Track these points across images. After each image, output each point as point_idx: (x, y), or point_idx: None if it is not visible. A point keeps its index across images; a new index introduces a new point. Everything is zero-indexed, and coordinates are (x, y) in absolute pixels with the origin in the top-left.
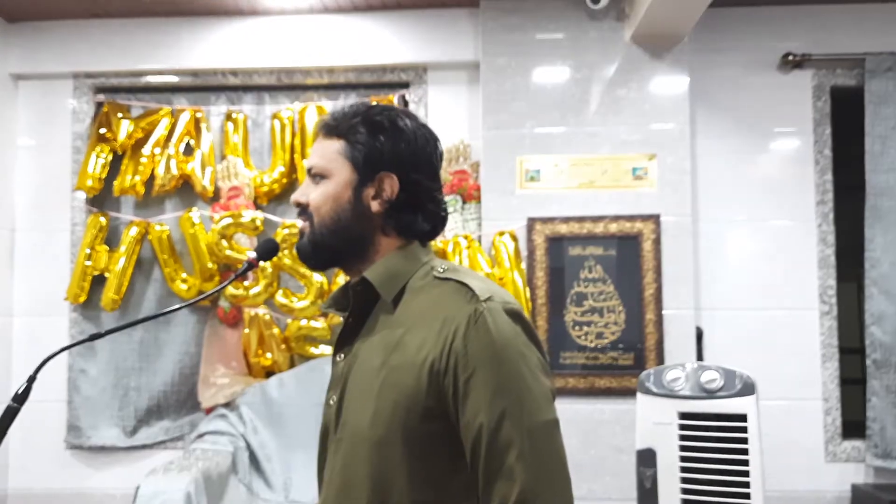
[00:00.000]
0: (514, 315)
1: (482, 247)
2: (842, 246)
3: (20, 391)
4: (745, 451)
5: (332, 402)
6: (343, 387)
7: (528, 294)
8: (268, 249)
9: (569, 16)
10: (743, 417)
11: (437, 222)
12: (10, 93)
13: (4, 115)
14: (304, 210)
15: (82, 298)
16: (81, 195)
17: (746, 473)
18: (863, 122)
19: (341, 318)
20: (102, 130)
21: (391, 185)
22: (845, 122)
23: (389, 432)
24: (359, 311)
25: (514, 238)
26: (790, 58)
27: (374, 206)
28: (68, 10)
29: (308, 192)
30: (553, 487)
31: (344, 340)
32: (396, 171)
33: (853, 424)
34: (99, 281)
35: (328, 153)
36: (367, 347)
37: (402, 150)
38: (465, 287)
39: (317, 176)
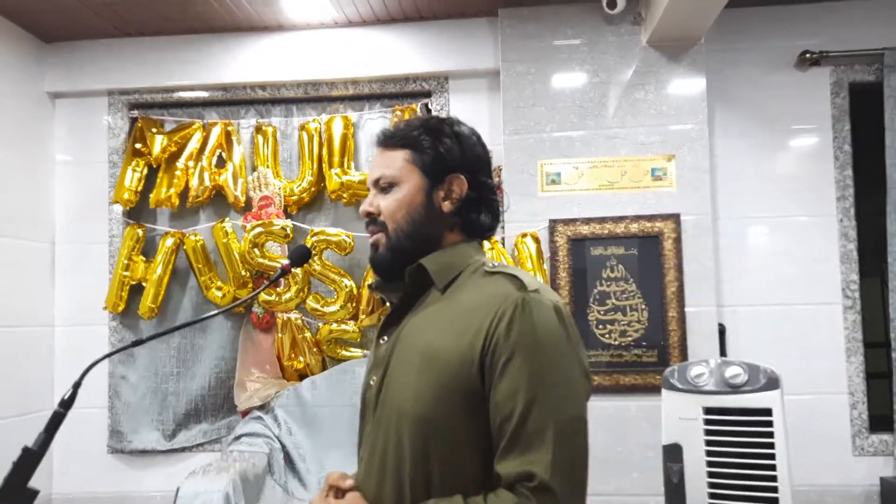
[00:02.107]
0: (560, 313)
1: (505, 249)
2: (864, 241)
3: (66, 397)
4: (771, 446)
5: (372, 382)
6: (386, 367)
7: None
8: (301, 255)
9: (586, 21)
10: (768, 412)
11: (495, 219)
12: (48, 111)
13: (43, 133)
14: (374, 220)
15: (121, 307)
16: (118, 208)
17: (773, 467)
18: (882, 118)
19: (388, 303)
20: (137, 145)
21: (460, 185)
22: (865, 118)
23: (433, 410)
24: (410, 296)
25: (536, 239)
26: (807, 55)
27: (446, 206)
28: (102, 30)
29: (376, 202)
30: (570, 482)
31: (389, 323)
32: (464, 172)
33: (880, 418)
34: (136, 290)
35: (395, 162)
36: (413, 330)
37: (466, 153)
38: (514, 278)
39: (385, 185)
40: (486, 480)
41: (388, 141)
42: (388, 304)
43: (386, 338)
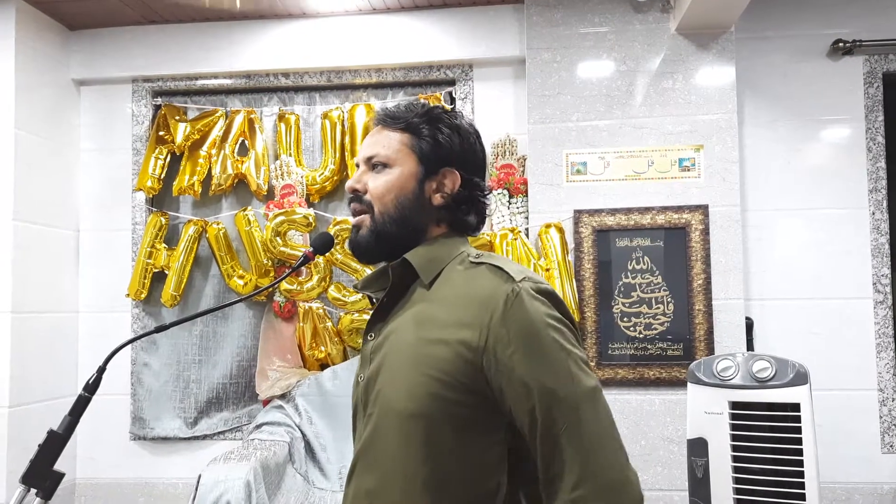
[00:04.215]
0: (547, 294)
1: (529, 239)
2: None
3: (91, 381)
4: (798, 441)
5: (360, 379)
6: (373, 365)
7: (574, 286)
8: (324, 243)
9: (613, 9)
10: (796, 407)
11: (481, 220)
12: (73, 98)
13: (68, 120)
14: (359, 198)
15: (143, 295)
16: (141, 196)
17: (800, 463)
18: None
19: (373, 302)
20: (160, 133)
21: (453, 180)
22: None
23: (423, 406)
24: (394, 292)
25: (560, 230)
26: (840, 44)
27: (436, 199)
28: (126, 17)
29: (365, 180)
30: (604, 456)
31: (376, 320)
32: (458, 167)
33: None
34: (159, 278)
35: (392, 144)
36: (401, 325)
37: (465, 149)
38: (499, 270)
39: (378, 165)
40: (485, 478)
41: (388, 121)
42: (373, 301)
43: (373, 335)
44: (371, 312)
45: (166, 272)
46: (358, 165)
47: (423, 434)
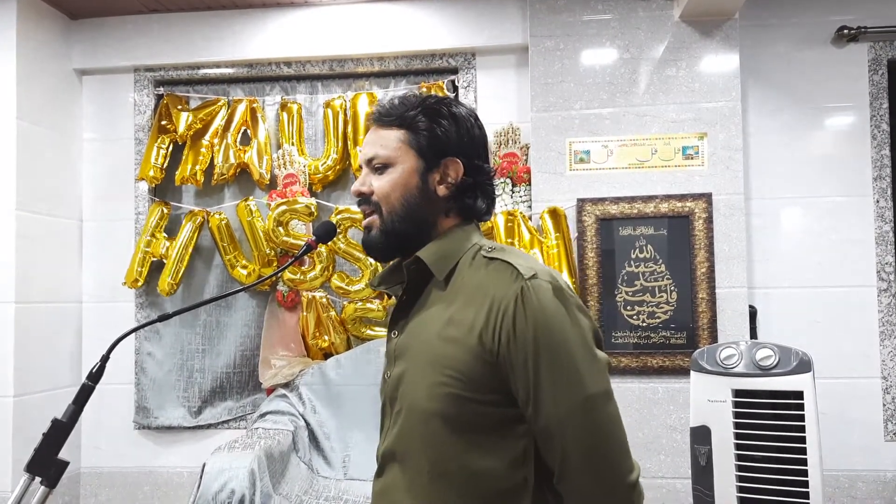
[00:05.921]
0: (559, 291)
1: (532, 225)
2: None
3: (94, 370)
4: (801, 429)
5: (387, 377)
6: (397, 363)
7: (573, 257)
8: (326, 231)
9: None
10: (799, 395)
11: (491, 204)
12: (75, 88)
13: (70, 110)
14: (366, 200)
15: (140, 283)
16: (144, 185)
17: (803, 451)
18: None
19: (393, 296)
20: (163, 122)
21: (456, 169)
22: None
23: (444, 405)
24: (412, 288)
25: (554, 214)
26: (845, 31)
27: (441, 190)
28: (128, 6)
29: (370, 182)
30: (593, 461)
31: (398, 317)
32: (459, 155)
33: None
34: (161, 267)
35: (390, 142)
36: (421, 323)
37: (463, 136)
38: (510, 266)
39: (379, 166)
40: (511, 473)
41: (383, 119)
42: (392, 297)
43: (396, 332)
44: (392, 310)
45: (165, 262)
46: (361, 168)
47: (447, 432)
